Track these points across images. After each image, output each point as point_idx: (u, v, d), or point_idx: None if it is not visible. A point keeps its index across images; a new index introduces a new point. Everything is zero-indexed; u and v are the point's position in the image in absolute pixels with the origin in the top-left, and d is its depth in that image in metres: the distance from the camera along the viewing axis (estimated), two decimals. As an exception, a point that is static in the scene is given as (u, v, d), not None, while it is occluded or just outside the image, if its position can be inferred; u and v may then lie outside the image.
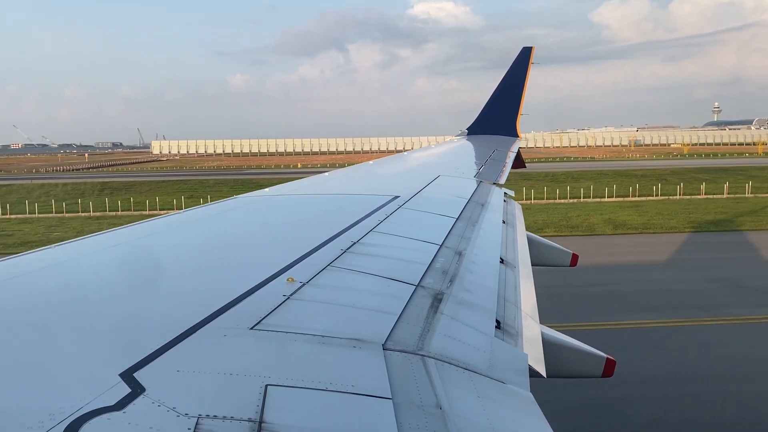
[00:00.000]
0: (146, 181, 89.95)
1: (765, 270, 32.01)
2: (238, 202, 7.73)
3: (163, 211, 50.15)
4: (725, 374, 18.38)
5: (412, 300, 3.91)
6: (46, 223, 53.39)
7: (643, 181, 71.95)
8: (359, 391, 2.55)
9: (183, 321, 3.07)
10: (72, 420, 2.08)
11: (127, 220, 9.53)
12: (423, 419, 2.44)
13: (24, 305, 3.50)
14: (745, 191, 62.43)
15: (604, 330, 22.12)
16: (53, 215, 57.73)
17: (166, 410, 2.20)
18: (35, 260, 4.53)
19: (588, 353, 4.71)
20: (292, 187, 9.81)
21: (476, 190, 9.73)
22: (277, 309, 3.39)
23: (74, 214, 58.06)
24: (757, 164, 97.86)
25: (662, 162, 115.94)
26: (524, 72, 21.15)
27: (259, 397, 2.37)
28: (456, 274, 4.75)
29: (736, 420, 15.71)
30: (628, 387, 16.80)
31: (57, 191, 75.68)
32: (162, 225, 6.13)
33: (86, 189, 78.29)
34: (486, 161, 14.86)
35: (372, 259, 4.75)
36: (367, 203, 7.15)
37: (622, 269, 31.97)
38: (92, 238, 5.40)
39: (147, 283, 3.97)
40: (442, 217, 7.03)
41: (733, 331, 22.02)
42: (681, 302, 25.44)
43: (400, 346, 3.13)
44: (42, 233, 46.81)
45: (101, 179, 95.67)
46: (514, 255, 6.43)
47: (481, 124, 21.60)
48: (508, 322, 4.16)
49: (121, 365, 2.52)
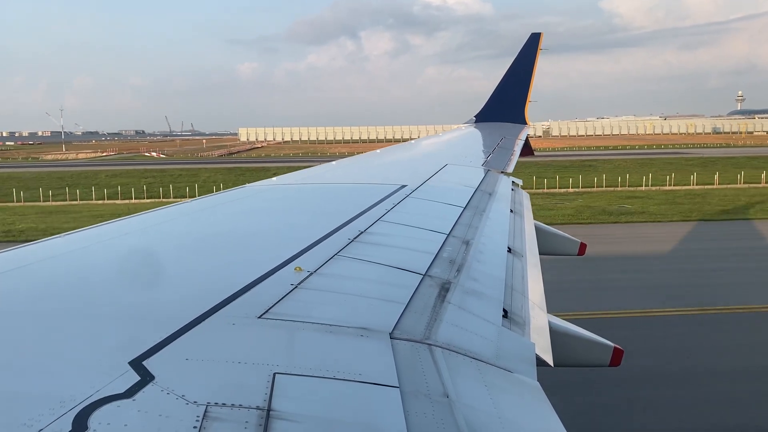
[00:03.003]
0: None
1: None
2: (246, 192, 7.74)
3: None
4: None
5: (419, 289, 3.92)
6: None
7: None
8: (366, 379, 2.56)
9: (191, 310, 3.09)
10: (82, 407, 2.10)
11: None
12: (430, 408, 2.45)
13: (35, 294, 3.53)
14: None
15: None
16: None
17: (175, 398, 2.22)
18: (46, 249, 4.56)
19: (595, 342, 4.71)
20: (300, 176, 9.81)
21: (484, 179, 9.70)
22: (284, 298, 3.40)
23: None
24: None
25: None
26: (533, 58, 20.95)
27: (267, 385, 2.38)
28: (463, 264, 4.75)
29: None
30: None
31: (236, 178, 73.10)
32: (171, 214, 6.15)
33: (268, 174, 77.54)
34: (494, 149, 14.79)
35: (379, 249, 4.75)
36: (375, 192, 7.15)
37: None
38: (102, 227, 5.43)
39: (156, 272, 3.99)
40: (449, 206, 7.02)
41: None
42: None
43: (407, 335, 3.14)
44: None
45: (257, 164, 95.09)
46: (521, 244, 6.41)
47: (489, 112, 21.45)
48: (515, 311, 4.16)
49: (130, 353, 2.55)
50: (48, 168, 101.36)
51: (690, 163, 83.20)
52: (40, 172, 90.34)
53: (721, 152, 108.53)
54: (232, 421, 2.11)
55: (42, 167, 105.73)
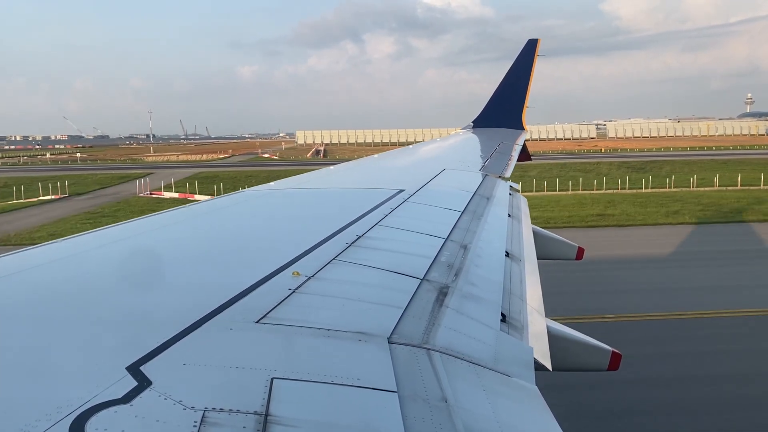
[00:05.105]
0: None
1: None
2: (244, 196, 7.74)
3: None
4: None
5: (417, 294, 3.91)
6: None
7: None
8: (365, 384, 2.56)
9: (189, 314, 3.08)
10: (80, 413, 2.09)
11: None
12: (428, 412, 2.45)
13: (32, 298, 3.52)
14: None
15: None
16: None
17: (173, 403, 2.21)
18: (43, 254, 4.55)
19: (593, 347, 4.71)
20: (298, 180, 9.81)
21: (481, 184, 9.71)
22: (282, 302, 3.40)
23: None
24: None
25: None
26: (530, 64, 21.00)
27: (265, 390, 2.37)
28: (461, 268, 4.75)
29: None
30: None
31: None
32: (168, 219, 6.15)
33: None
34: (491, 154, 14.81)
35: (377, 253, 4.75)
36: (373, 197, 7.15)
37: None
38: (100, 231, 5.42)
39: (153, 276, 3.99)
40: (447, 210, 7.02)
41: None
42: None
43: (405, 340, 3.13)
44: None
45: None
46: (519, 248, 6.41)
47: (487, 117, 21.50)
48: (513, 316, 4.16)
49: (127, 359, 2.54)
50: (195, 168, 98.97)
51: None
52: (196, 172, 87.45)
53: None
54: (229, 427, 2.10)
55: (190, 167, 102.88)
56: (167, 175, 78.33)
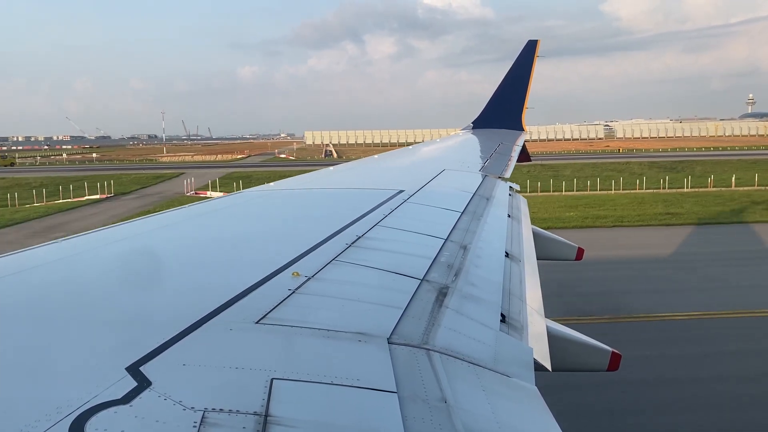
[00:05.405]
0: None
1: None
2: (244, 197, 7.74)
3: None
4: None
5: (417, 294, 3.91)
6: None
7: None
8: (364, 384, 2.56)
9: (189, 315, 3.08)
10: (79, 413, 2.09)
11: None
12: (428, 413, 2.45)
13: (32, 299, 3.52)
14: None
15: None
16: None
17: (173, 404, 2.21)
18: (43, 254, 4.56)
19: (593, 347, 4.71)
20: (298, 181, 9.82)
21: (481, 184, 9.72)
22: (282, 303, 3.40)
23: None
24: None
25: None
26: (530, 65, 21.03)
27: (264, 390, 2.38)
28: (461, 268, 4.75)
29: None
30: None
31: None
32: (168, 219, 6.15)
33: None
34: (491, 155, 14.82)
35: (377, 254, 4.75)
36: (372, 197, 7.15)
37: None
38: (100, 232, 5.42)
39: (153, 277, 3.99)
40: (447, 211, 7.03)
41: None
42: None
43: (405, 340, 3.13)
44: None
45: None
46: (519, 249, 6.42)
47: (487, 118, 21.52)
48: (513, 316, 4.16)
49: (127, 359, 2.54)
50: (222, 168, 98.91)
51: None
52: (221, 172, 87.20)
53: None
54: (229, 427, 2.10)
55: (220, 167, 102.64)
56: (198, 176, 79.14)
